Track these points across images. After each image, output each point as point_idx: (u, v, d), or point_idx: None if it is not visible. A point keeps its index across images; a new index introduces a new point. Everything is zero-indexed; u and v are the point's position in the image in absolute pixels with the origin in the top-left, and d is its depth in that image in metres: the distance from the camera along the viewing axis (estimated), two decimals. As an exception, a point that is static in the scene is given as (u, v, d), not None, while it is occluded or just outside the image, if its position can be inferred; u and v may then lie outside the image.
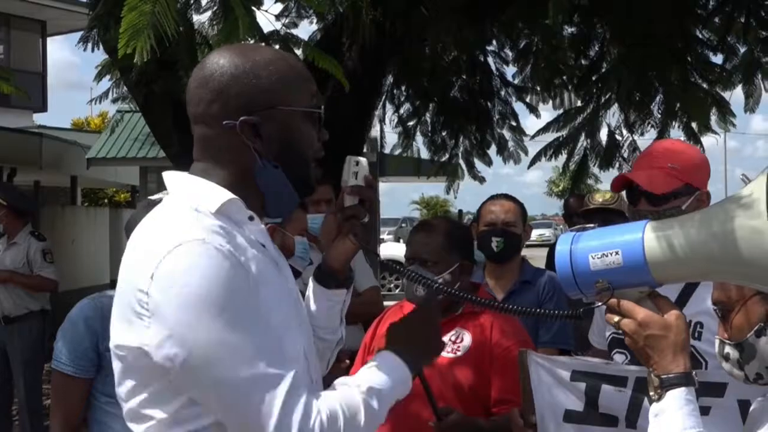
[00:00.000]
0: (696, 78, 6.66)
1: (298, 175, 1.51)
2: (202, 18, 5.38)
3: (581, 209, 4.82)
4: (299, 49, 4.54)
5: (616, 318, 1.46)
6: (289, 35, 4.85)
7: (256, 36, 3.36)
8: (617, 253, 1.43)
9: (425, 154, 8.18)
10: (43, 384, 6.15)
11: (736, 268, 1.37)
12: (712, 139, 7.42)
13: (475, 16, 6.02)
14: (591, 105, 7.08)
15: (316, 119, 1.53)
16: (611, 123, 7.16)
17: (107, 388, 2.45)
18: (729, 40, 6.47)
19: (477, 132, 7.67)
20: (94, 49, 5.20)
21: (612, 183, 2.40)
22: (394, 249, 15.37)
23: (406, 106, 7.73)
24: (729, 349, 1.59)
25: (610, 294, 1.45)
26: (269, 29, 4.71)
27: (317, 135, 1.54)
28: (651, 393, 1.42)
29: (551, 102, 7.68)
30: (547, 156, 7.29)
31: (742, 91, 6.72)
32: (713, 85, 6.80)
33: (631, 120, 7.02)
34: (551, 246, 5.86)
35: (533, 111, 7.87)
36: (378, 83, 6.17)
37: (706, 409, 1.86)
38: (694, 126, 6.94)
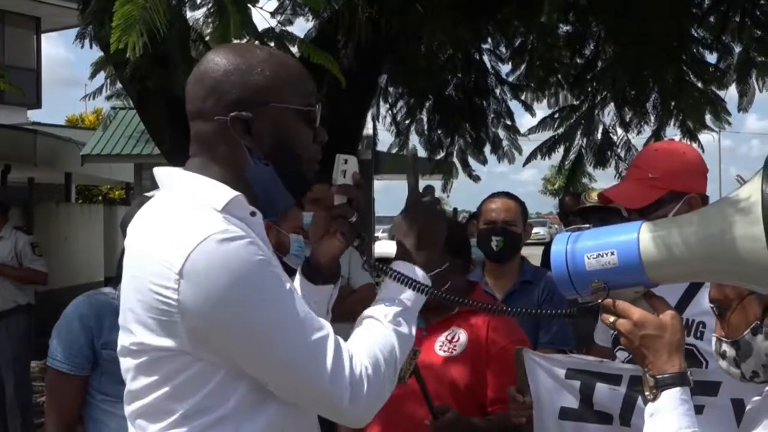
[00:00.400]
0: (691, 77, 6.67)
1: (290, 174, 1.50)
2: (196, 14, 5.37)
3: (577, 207, 4.83)
4: (294, 46, 4.53)
5: (611, 318, 1.47)
6: (285, 32, 4.84)
7: (250, 33, 3.36)
8: (613, 254, 1.44)
9: (421, 152, 8.17)
10: (35, 382, 6.13)
11: (731, 269, 1.38)
12: (707, 137, 7.45)
13: (471, 14, 6.01)
14: (586, 103, 7.09)
15: (312, 119, 1.52)
16: (606, 121, 7.19)
17: (103, 385, 2.45)
18: (724, 39, 6.48)
19: (472, 130, 7.66)
20: (91, 46, 5.18)
21: (599, 199, 2.42)
22: (388, 247, 15.37)
23: (400, 104, 7.73)
24: (726, 347, 1.60)
25: (605, 294, 1.45)
26: (264, 27, 4.71)
27: (313, 135, 1.53)
28: (646, 393, 1.42)
29: (546, 100, 7.68)
30: (542, 154, 7.29)
31: (736, 90, 6.74)
32: (708, 84, 6.81)
33: (627, 119, 7.03)
34: (546, 244, 5.87)
35: (528, 109, 7.87)
36: (373, 81, 6.16)
37: (699, 408, 1.87)
38: (690, 124, 6.95)
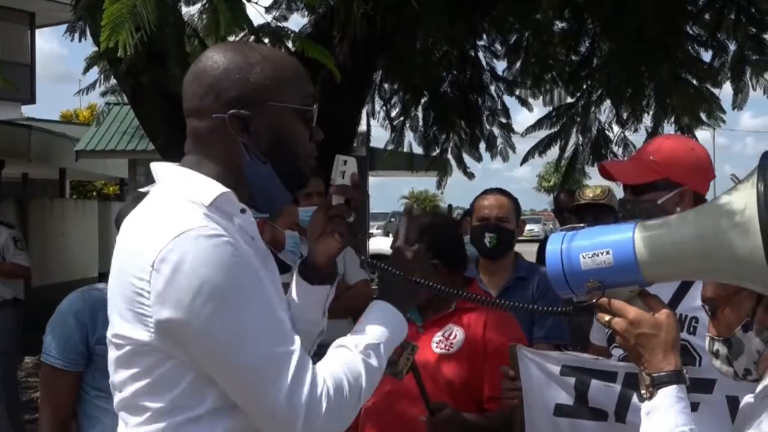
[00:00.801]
0: (685, 74, 6.68)
1: (287, 172, 1.51)
2: (191, 10, 5.37)
3: (571, 204, 4.83)
4: (289, 41, 4.52)
5: (607, 317, 1.47)
6: (280, 28, 4.83)
7: (243, 29, 3.35)
8: (608, 253, 1.44)
9: (416, 148, 8.18)
10: (29, 377, 6.09)
11: (726, 267, 1.38)
12: (703, 135, 7.49)
13: (466, 10, 6.01)
14: (582, 101, 7.09)
15: (309, 119, 1.53)
16: (602, 119, 7.20)
17: (97, 381, 2.44)
18: (719, 36, 6.49)
19: (467, 127, 7.66)
20: (81, 40, 5.17)
21: (598, 169, 2.45)
22: (382, 243, 15.38)
23: (395, 100, 7.72)
24: (718, 346, 1.60)
25: (600, 293, 1.45)
26: (260, 22, 4.69)
27: (310, 134, 1.54)
28: (642, 391, 1.43)
29: (541, 98, 7.69)
30: (538, 152, 7.29)
31: (731, 88, 6.75)
32: (703, 82, 6.82)
33: (623, 116, 7.04)
34: (541, 242, 5.86)
35: (524, 104, 7.87)
36: (368, 77, 6.15)
37: (695, 405, 1.87)
38: (686, 119, 6.96)
